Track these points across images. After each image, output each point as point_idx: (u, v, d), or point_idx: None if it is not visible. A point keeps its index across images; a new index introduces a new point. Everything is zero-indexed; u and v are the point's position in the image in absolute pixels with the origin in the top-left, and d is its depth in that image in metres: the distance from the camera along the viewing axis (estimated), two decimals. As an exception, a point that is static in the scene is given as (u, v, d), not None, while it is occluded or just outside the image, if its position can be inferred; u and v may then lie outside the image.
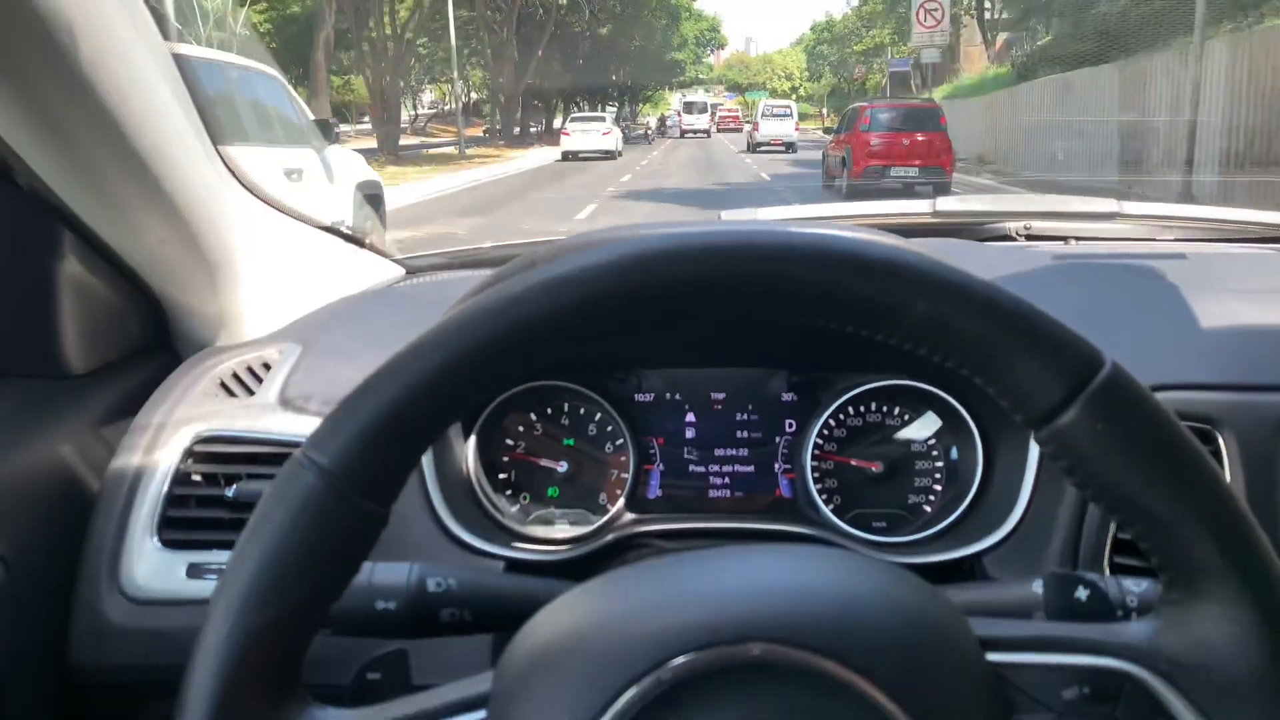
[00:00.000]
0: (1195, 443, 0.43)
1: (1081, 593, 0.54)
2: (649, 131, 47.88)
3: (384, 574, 0.56)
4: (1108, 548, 0.82)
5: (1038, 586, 0.58)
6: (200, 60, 5.48)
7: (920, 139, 13.68)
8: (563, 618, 0.44)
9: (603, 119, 28.37)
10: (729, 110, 64.16)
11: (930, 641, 0.41)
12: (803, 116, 67.81)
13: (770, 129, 31.20)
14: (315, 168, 6.05)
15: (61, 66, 0.74)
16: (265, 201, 1.10)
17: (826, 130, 18.40)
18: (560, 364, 0.80)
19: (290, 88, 6.58)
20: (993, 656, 0.43)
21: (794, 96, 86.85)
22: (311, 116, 6.72)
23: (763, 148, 30.62)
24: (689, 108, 48.93)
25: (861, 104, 15.30)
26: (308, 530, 0.42)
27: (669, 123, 52.73)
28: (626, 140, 34.89)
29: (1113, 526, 0.82)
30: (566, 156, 25.68)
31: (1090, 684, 0.45)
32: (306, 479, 0.42)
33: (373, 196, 6.98)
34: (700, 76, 72.29)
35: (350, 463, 0.42)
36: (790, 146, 30.34)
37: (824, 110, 66.22)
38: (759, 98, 64.81)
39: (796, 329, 0.44)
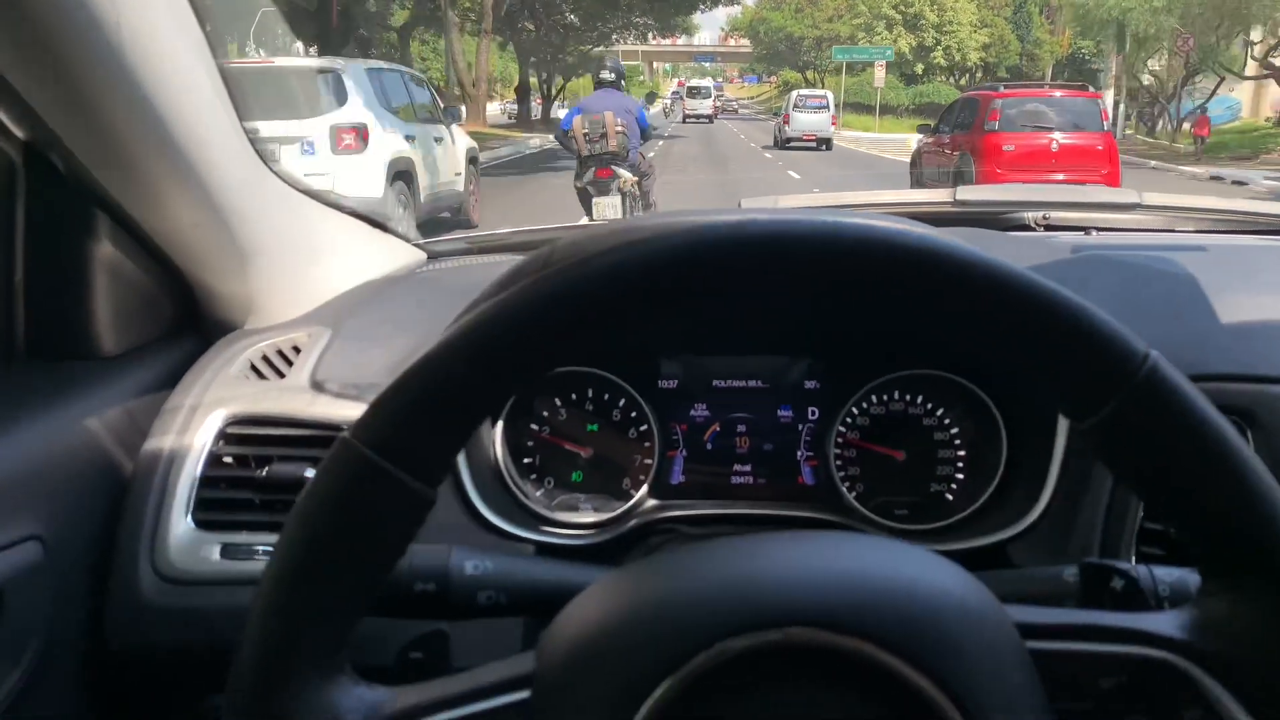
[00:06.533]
0: (1237, 437, 0.43)
1: (1117, 582, 0.54)
2: (667, 110, 48.53)
3: (423, 557, 0.57)
4: (1134, 536, 0.82)
5: (1069, 574, 0.59)
6: (383, 69, 9.22)
7: (1072, 141, 10.37)
8: (607, 600, 0.44)
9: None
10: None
11: (972, 628, 0.41)
12: (926, 109, 32.32)
13: (802, 123, 27.28)
14: (447, 137, 9.69)
15: (102, 53, 0.76)
16: (294, 187, 1.11)
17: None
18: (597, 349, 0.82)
19: (431, 85, 10.17)
20: (1032, 644, 0.43)
21: (937, 53, 42.55)
22: (443, 105, 10.36)
23: (793, 144, 27.01)
24: (692, 93, 47.12)
25: (980, 92, 11.57)
26: (356, 509, 0.42)
27: (670, 104, 51.00)
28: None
29: (1139, 515, 0.82)
30: None
31: (1127, 674, 0.45)
32: (355, 458, 0.42)
33: (473, 159, 10.57)
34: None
35: (398, 442, 0.42)
36: (825, 143, 26.79)
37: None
38: (875, 58, 37.47)
39: (826, 315, 0.43)
